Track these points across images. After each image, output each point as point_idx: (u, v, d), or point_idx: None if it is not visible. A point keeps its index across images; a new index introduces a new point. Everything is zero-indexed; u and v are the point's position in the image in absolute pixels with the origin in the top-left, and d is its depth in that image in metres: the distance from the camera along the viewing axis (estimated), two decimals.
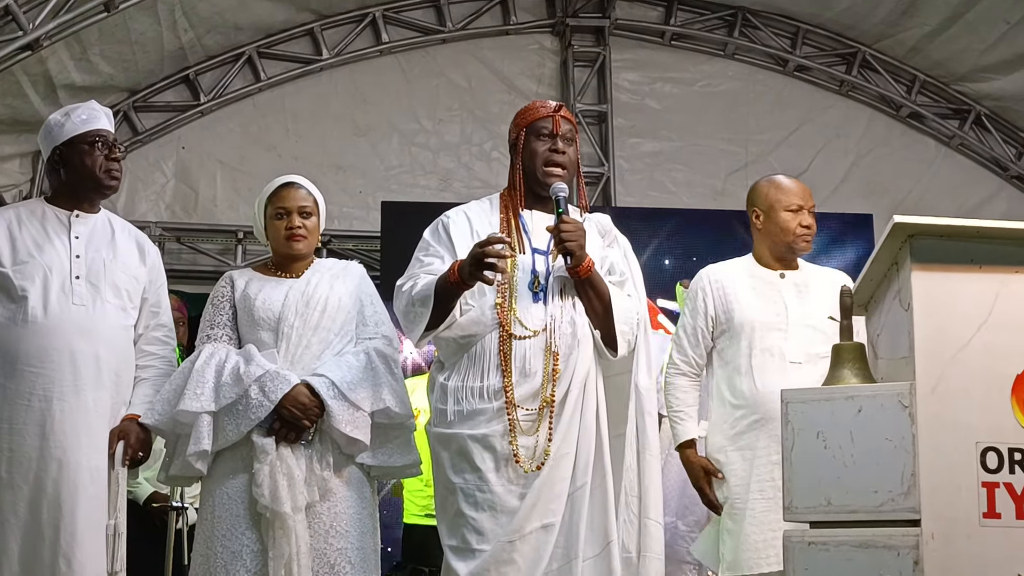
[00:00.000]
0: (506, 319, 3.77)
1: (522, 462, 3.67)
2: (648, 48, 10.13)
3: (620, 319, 3.80)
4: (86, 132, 4.25)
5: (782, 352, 4.64)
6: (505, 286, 3.81)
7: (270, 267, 4.34)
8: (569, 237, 3.71)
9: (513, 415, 3.69)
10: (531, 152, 3.98)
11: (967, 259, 3.01)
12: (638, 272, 4.06)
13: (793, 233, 4.76)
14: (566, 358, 3.75)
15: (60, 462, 3.97)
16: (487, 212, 4.03)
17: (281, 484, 3.90)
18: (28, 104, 7.99)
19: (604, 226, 4.07)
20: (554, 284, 3.84)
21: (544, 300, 3.81)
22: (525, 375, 3.73)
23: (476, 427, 3.73)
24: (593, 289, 3.80)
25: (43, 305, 4.06)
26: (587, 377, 3.80)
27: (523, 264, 3.86)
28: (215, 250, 9.23)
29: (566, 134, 3.99)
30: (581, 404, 3.77)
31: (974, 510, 2.88)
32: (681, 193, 9.86)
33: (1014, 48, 9.25)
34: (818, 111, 10.21)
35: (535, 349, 3.75)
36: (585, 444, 3.75)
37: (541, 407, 3.71)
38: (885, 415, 2.95)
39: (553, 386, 3.72)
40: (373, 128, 9.61)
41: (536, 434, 3.70)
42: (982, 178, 10.35)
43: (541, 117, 4.01)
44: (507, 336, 3.76)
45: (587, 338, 3.81)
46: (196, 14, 8.51)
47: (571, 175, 4.01)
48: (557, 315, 3.79)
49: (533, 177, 3.97)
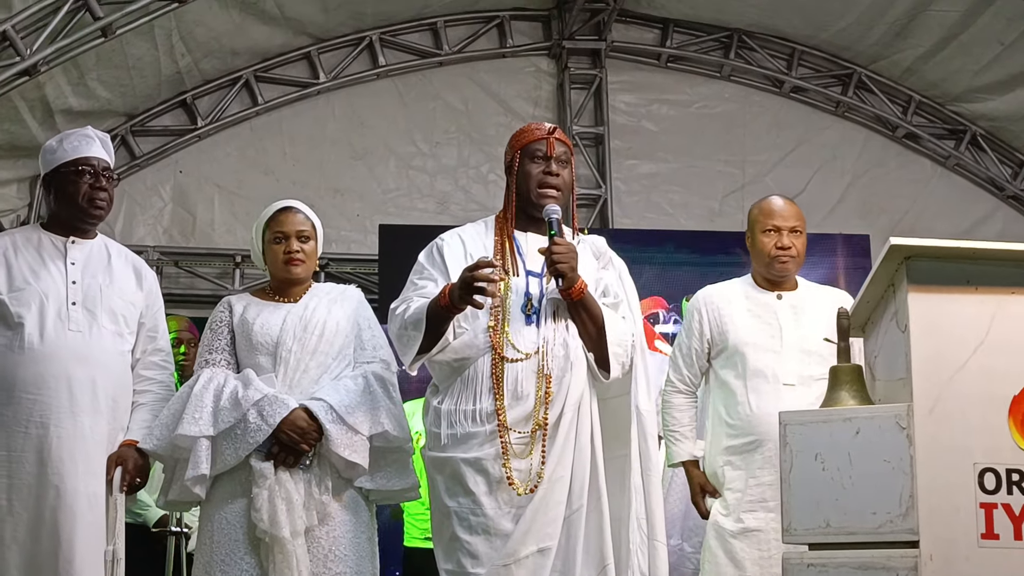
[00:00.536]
0: (498, 342, 3.76)
1: (515, 485, 3.65)
2: (644, 70, 10.15)
3: (613, 341, 3.79)
4: (72, 160, 4.25)
5: (776, 374, 4.66)
6: (498, 309, 3.80)
7: (268, 292, 4.35)
8: (560, 259, 3.70)
9: (506, 438, 3.68)
10: (525, 174, 3.97)
11: (963, 280, 3.02)
12: (634, 294, 4.05)
13: (768, 255, 4.77)
14: (559, 380, 3.74)
15: (58, 489, 3.97)
16: (481, 235, 4.03)
17: (280, 508, 3.90)
18: (26, 129, 8.00)
19: (599, 248, 4.07)
20: (547, 306, 3.83)
21: (537, 323, 3.81)
22: (517, 398, 3.72)
23: (469, 450, 3.72)
24: (586, 311, 3.80)
25: (39, 331, 4.06)
26: (581, 400, 3.78)
27: (516, 286, 3.85)
28: (213, 274, 9.23)
29: (560, 156, 3.98)
30: (575, 427, 3.75)
31: (972, 531, 2.88)
32: (678, 215, 9.86)
33: (1008, 69, 9.28)
34: (814, 132, 10.22)
35: (527, 372, 3.74)
36: (580, 467, 3.74)
37: (534, 430, 3.70)
38: (883, 437, 2.95)
39: (546, 409, 3.70)
40: (370, 151, 9.62)
41: (529, 457, 3.69)
42: (978, 198, 10.36)
43: (535, 139, 4.00)
44: (499, 359, 3.75)
45: (580, 360, 3.80)
46: (193, 39, 8.52)
47: (565, 197, 3.99)
48: (550, 337, 3.78)
49: (527, 199, 3.96)
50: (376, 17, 9.46)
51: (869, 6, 9.18)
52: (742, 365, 4.73)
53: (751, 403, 4.68)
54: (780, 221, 4.78)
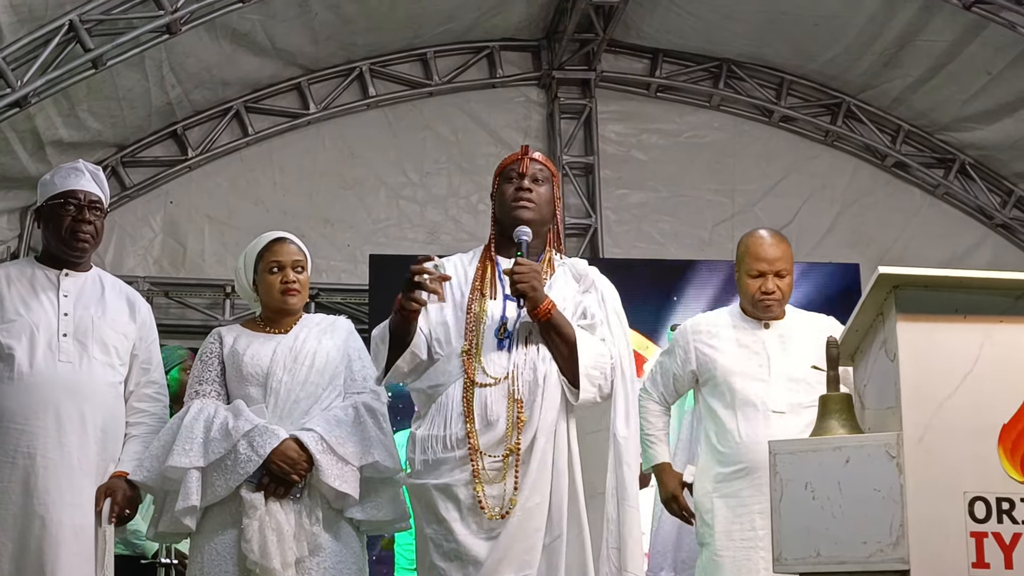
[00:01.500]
0: (470, 367, 3.75)
1: (487, 509, 3.62)
2: (634, 100, 10.18)
3: (587, 362, 3.73)
4: (60, 192, 4.27)
5: (764, 403, 4.69)
6: (473, 334, 3.79)
7: (259, 322, 4.35)
8: (521, 279, 3.69)
9: (477, 462, 3.66)
10: (501, 195, 3.98)
11: (952, 309, 3.02)
12: (617, 318, 3.96)
13: (752, 299, 4.81)
14: (530, 405, 3.70)
15: (43, 519, 3.96)
16: (465, 263, 4.02)
17: (270, 539, 3.89)
18: (16, 160, 8.00)
19: (579, 270, 4.01)
20: (520, 330, 3.80)
21: (509, 347, 3.78)
22: (487, 423, 3.69)
23: (440, 476, 3.70)
24: (556, 332, 3.76)
25: (29, 362, 4.06)
26: (556, 425, 3.73)
27: (492, 311, 3.84)
28: (203, 304, 9.22)
29: (535, 174, 3.95)
30: (551, 453, 3.71)
31: (963, 560, 2.87)
32: (668, 244, 9.88)
33: (996, 98, 9.32)
34: (804, 161, 10.25)
35: (497, 396, 3.71)
36: (557, 494, 3.69)
37: (506, 455, 3.67)
38: (873, 465, 2.95)
39: (518, 434, 3.67)
40: (360, 181, 9.63)
41: (503, 482, 3.65)
42: (968, 226, 10.39)
43: (510, 162, 4.01)
44: (470, 384, 3.73)
45: (553, 384, 3.75)
46: (183, 70, 8.54)
47: (543, 213, 3.95)
48: (520, 362, 3.75)
49: (506, 219, 3.95)
50: (366, 48, 9.50)
51: (857, 36, 9.23)
52: (730, 394, 4.76)
53: (740, 431, 4.70)
54: (766, 266, 4.80)
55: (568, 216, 9.68)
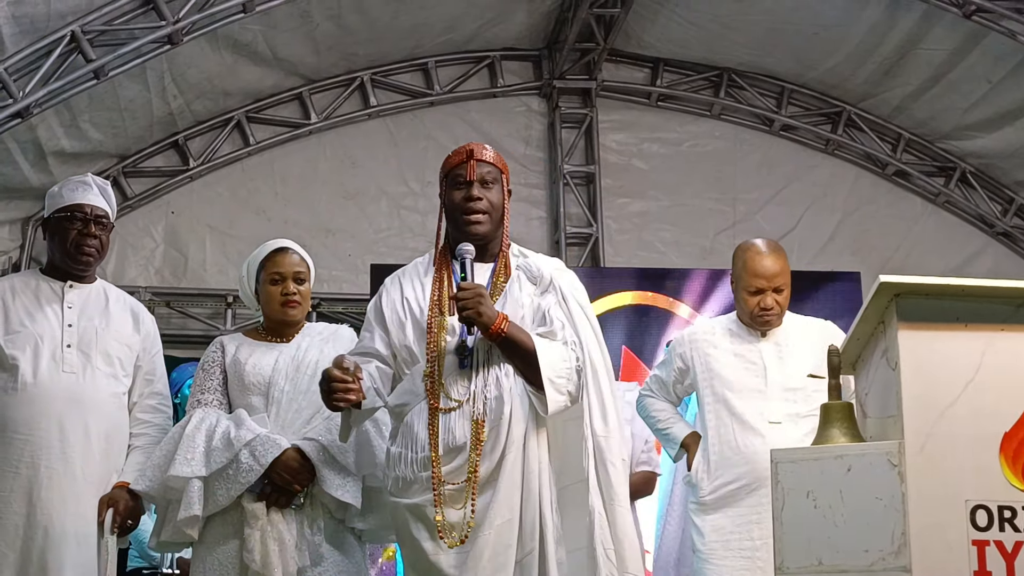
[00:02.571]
0: (433, 391, 3.67)
1: (445, 536, 3.56)
2: (635, 109, 10.18)
3: (549, 371, 3.61)
4: (66, 206, 4.30)
5: (761, 413, 4.71)
6: (434, 353, 3.71)
7: (260, 332, 4.35)
8: (465, 305, 3.59)
9: (439, 489, 3.59)
10: (450, 203, 3.86)
11: (953, 317, 3.02)
12: (582, 316, 3.82)
13: (750, 314, 4.83)
14: (495, 425, 3.62)
15: (46, 529, 3.98)
16: (420, 274, 3.92)
17: (272, 549, 3.89)
18: (18, 171, 8.01)
19: (534, 272, 3.88)
20: (480, 347, 3.70)
21: (471, 365, 3.69)
22: (451, 448, 3.61)
23: (411, 496, 3.65)
24: (513, 347, 3.65)
25: (33, 373, 4.08)
26: (525, 438, 3.65)
27: (452, 326, 3.74)
28: (205, 314, 9.22)
29: (484, 177, 3.84)
30: (521, 469, 3.63)
31: (965, 568, 2.87)
32: (670, 253, 9.87)
33: (996, 107, 9.32)
34: (805, 170, 10.24)
35: (461, 420, 3.63)
36: (529, 508, 3.62)
37: (468, 478, 3.59)
38: (874, 474, 2.95)
39: (478, 456, 3.60)
40: (362, 191, 9.62)
41: (464, 506, 3.58)
42: (969, 235, 10.38)
43: (456, 164, 3.89)
44: (434, 410, 3.65)
45: (519, 400, 3.66)
46: (185, 80, 8.54)
47: (495, 219, 3.85)
48: (480, 382, 3.67)
49: (455, 227, 3.86)
50: (367, 58, 9.50)
51: (858, 45, 9.23)
52: (727, 406, 4.78)
53: (737, 442, 4.72)
54: (764, 283, 4.80)
55: (569, 225, 9.69)
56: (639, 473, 5.91)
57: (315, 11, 8.44)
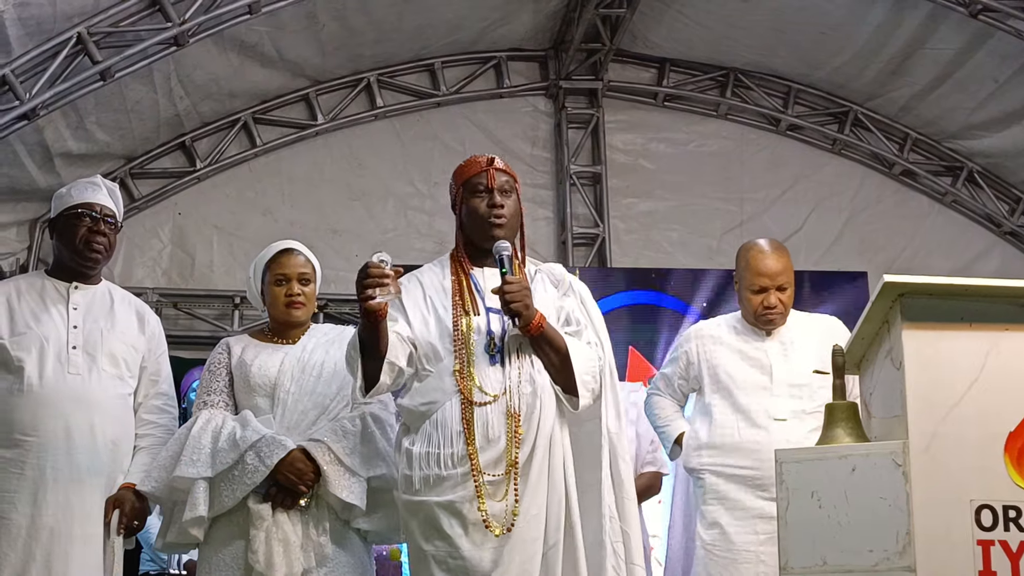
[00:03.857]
0: (465, 386, 3.71)
1: (492, 527, 3.60)
2: (641, 109, 10.18)
3: (580, 369, 3.74)
4: (75, 204, 4.32)
5: (766, 410, 4.73)
6: (462, 350, 3.76)
7: (266, 333, 4.36)
8: (513, 298, 3.66)
9: (479, 481, 3.63)
10: (470, 210, 3.94)
11: (958, 317, 3.02)
12: (598, 318, 3.98)
13: (754, 314, 4.85)
14: (528, 419, 3.69)
15: (52, 530, 3.99)
16: (439, 275, 3.99)
17: (276, 550, 3.89)
18: (25, 173, 8.02)
19: (556, 276, 4.01)
20: (511, 343, 3.77)
21: (501, 361, 3.75)
22: (488, 440, 3.66)
23: (443, 493, 3.66)
24: (548, 344, 3.74)
25: (39, 374, 4.09)
26: (552, 434, 3.73)
27: (478, 325, 3.80)
28: (212, 315, 9.23)
29: (503, 186, 3.94)
30: (547, 462, 3.71)
31: (970, 568, 2.87)
32: (677, 253, 9.87)
33: (1003, 106, 9.31)
34: (812, 169, 10.24)
35: (496, 413, 3.68)
36: (555, 503, 3.69)
37: (507, 471, 3.65)
38: (879, 474, 2.95)
39: (516, 449, 3.65)
40: (368, 192, 9.63)
41: (504, 498, 3.63)
42: (976, 234, 10.38)
43: (475, 173, 3.97)
44: (468, 403, 3.69)
45: (549, 395, 3.75)
46: (192, 81, 8.56)
47: (513, 225, 3.94)
48: (515, 376, 3.73)
49: (477, 235, 3.94)
50: (374, 59, 9.51)
51: (864, 45, 9.23)
52: (732, 403, 4.80)
53: (742, 438, 4.74)
54: (767, 281, 4.82)
55: (576, 225, 9.70)
56: (646, 474, 5.92)
57: (321, 12, 8.45)
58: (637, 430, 5.83)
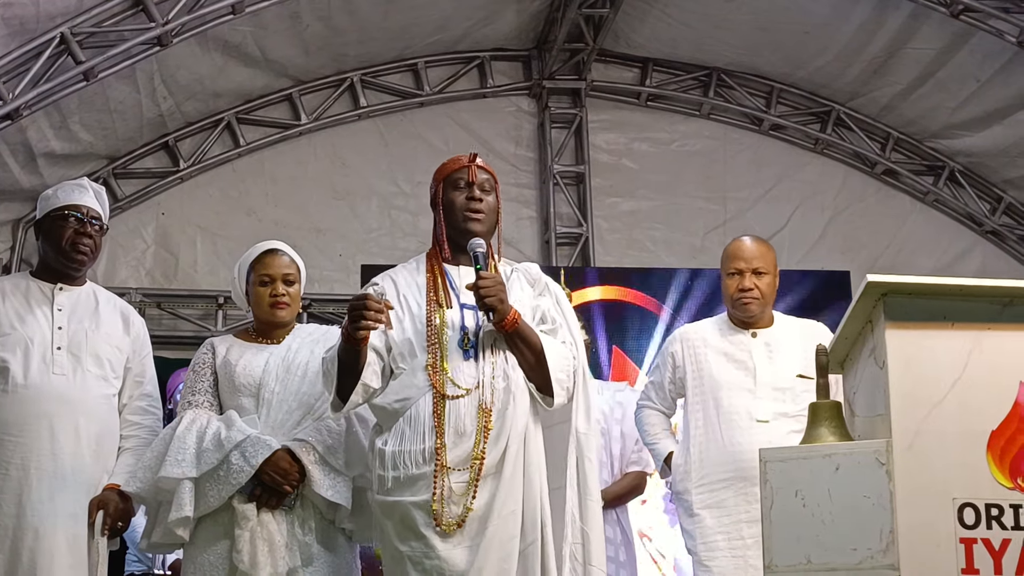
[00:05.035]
0: (438, 380, 3.71)
1: (443, 524, 3.59)
2: (624, 109, 10.19)
3: (555, 367, 3.74)
4: (62, 206, 4.32)
5: (749, 411, 4.73)
6: (435, 346, 3.76)
7: (251, 333, 4.36)
8: (487, 292, 3.66)
9: (441, 478, 3.62)
10: (449, 203, 3.95)
11: (940, 316, 3.03)
12: (573, 318, 3.99)
13: (732, 299, 4.86)
14: (500, 415, 3.68)
15: (36, 531, 3.98)
16: (413, 273, 3.99)
17: (261, 550, 3.90)
18: (8, 173, 8.00)
19: (532, 275, 4.02)
20: (485, 339, 3.78)
21: (475, 356, 3.76)
22: (460, 434, 3.66)
23: (417, 492, 3.65)
24: (523, 341, 3.75)
25: (23, 375, 4.09)
26: (526, 431, 3.73)
27: (452, 320, 3.81)
28: (196, 315, 9.21)
29: (483, 184, 3.97)
30: (522, 459, 3.70)
31: (953, 566, 2.89)
32: (660, 252, 9.88)
33: (984, 105, 9.34)
34: (794, 169, 10.26)
35: (468, 407, 3.68)
36: (530, 500, 3.69)
37: (472, 465, 3.64)
38: (862, 472, 2.96)
39: (484, 443, 3.65)
40: (352, 191, 9.63)
41: (466, 495, 3.62)
42: (958, 233, 10.41)
43: (456, 169, 4.00)
44: (440, 397, 3.69)
45: (523, 392, 3.75)
46: (175, 81, 8.54)
47: (491, 222, 3.96)
48: (489, 371, 3.73)
49: (455, 229, 3.94)
50: (357, 59, 9.50)
51: (846, 45, 9.25)
52: (716, 404, 4.81)
53: (724, 439, 4.74)
54: (742, 264, 4.84)
55: (559, 225, 9.70)
56: (630, 474, 5.92)
57: (305, 12, 8.44)
58: (622, 429, 5.84)
